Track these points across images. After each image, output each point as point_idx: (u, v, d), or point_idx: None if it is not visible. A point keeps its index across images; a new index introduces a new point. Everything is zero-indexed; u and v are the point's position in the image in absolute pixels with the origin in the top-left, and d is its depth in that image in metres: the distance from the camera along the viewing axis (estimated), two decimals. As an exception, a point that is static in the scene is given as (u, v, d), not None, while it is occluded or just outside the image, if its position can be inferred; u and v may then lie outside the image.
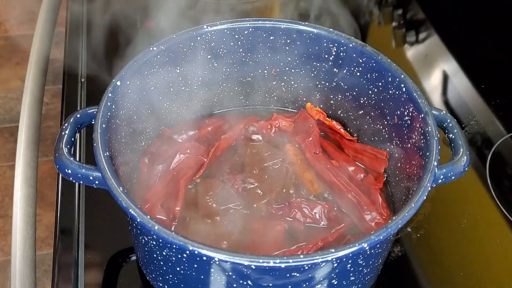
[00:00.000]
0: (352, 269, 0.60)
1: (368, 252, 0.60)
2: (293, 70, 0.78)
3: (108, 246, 0.73)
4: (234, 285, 0.58)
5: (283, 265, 0.51)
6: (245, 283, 0.57)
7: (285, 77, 0.79)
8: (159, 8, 1.09)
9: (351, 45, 0.72)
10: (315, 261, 0.52)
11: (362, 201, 0.69)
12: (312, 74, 0.77)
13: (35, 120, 0.94)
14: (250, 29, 0.74)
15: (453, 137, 0.66)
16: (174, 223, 0.68)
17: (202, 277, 0.58)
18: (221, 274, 0.57)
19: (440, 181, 0.62)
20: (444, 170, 0.62)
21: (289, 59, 0.77)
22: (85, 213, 0.76)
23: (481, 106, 0.95)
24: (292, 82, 0.79)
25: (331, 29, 0.73)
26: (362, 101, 0.75)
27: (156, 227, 0.53)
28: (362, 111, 0.75)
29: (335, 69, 0.75)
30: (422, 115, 0.65)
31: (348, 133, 0.78)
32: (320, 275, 0.58)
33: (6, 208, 1.73)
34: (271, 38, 0.75)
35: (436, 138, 0.62)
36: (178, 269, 0.59)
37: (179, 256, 0.57)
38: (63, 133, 0.63)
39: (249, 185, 0.71)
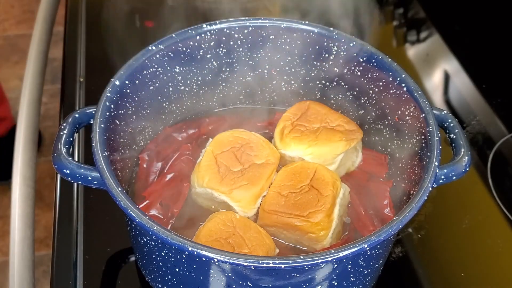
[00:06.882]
0: (352, 270, 0.59)
1: (369, 253, 0.59)
2: (293, 70, 0.78)
3: (107, 246, 0.73)
4: (234, 286, 0.57)
5: (282, 266, 0.51)
6: (244, 284, 0.56)
7: (285, 77, 0.79)
8: (158, 7, 1.09)
9: (351, 44, 0.72)
10: (315, 261, 0.52)
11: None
12: (313, 74, 0.77)
13: (33, 120, 0.94)
14: (250, 28, 0.74)
15: (454, 137, 0.66)
16: (171, 221, 0.67)
17: (201, 278, 0.58)
18: (220, 275, 0.56)
19: (441, 181, 0.62)
20: (445, 170, 0.62)
21: (289, 58, 0.76)
22: (84, 214, 0.75)
23: (482, 106, 0.95)
24: (293, 82, 0.79)
25: (331, 28, 0.73)
26: (363, 101, 0.75)
27: (155, 228, 0.53)
28: (363, 111, 0.75)
29: (335, 69, 0.75)
30: (423, 115, 0.64)
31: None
32: (320, 276, 0.57)
33: (5, 208, 1.73)
34: (271, 37, 0.75)
35: (437, 138, 0.62)
36: (177, 269, 0.59)
37: (178, 256, 0.57)
38: (61, 133, 0.62)
39: None
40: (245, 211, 0.66)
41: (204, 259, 0.52)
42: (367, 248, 0.53)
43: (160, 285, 0.64)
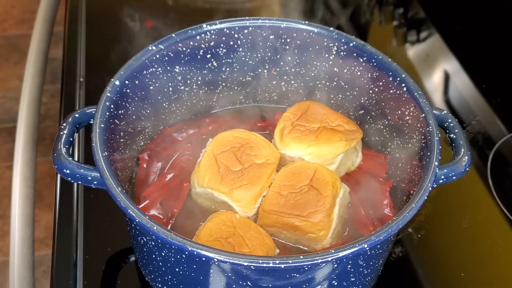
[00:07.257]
0: (352, 270, 0.59)
1: (369, 253, 0.59)
2: (293, 70, 0.78)
3: (106, 246, 0.73)
4: (234, 286, 0.57)
5: (282, 266, 0.51)
6: (244, 284, 0.56)
7: (285, 77, 0.79)
8: (157, 7, 1.09)
9: (351, 44, 0.72)
10: (315, 261, 0.52)
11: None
12: (313, 74, 0.77)
13: (33, 120, 0.94)
14: (250, 28, 0.74)
15: (454, 137, 0.66)
16: (171, 221, 0.67)
17: (201, 278, 0.58)
18: (221, 275, 0.56)
19: (441, 181, 0.62)
20: (445, 170, 0.62)
21: (289, 58, 0.76)
22: (84, 214, 0.75)
23: (482, 105, 0.95)
24: (293, 82, 0.79)
25: (331, 28, 0.73)
26: (362, 101, 0.74)
27: (155, 228, 0.53)
28: (363, 111, 0.75)
29: (335, 69, 0.75)
30: (423, 115, 0.64)
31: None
32: (320, 276, 0.57)
33: (5, 208, 1.73)
34: (271, 37, 0.74)
35: (437, 138, 0.62)
36: (177, 269, 0.59)
37: (178, 256, 0.57)
38: (61, 133, 0.62)
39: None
40: (245, 211, 0.66)
41: (204, 259, 0.52)
42: (367, 248, 0.53)
43: (160, 285, 0.64)
